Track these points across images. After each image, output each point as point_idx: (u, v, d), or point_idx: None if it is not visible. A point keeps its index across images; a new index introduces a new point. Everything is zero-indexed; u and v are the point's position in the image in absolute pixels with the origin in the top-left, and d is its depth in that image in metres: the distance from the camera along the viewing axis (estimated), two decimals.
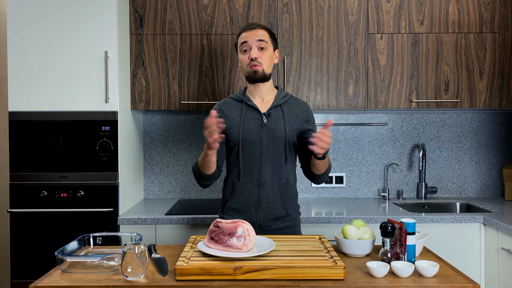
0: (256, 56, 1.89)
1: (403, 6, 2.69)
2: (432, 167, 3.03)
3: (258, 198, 1.89)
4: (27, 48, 2.40)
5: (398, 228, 1.54)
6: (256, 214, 1.90)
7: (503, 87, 2.70)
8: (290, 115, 1.94)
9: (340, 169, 3.02)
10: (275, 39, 1.99)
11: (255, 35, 1.91)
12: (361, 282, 1.38)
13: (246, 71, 1.94)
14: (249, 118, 1.92)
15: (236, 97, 1.99)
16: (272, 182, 1.90)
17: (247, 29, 1.93)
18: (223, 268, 1.39)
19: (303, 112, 1.97)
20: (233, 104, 1.98)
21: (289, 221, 1.94)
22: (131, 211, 2.55)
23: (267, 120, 1.91)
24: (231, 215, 1.93)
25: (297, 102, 1.99)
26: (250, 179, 1.90)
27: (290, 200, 1.94)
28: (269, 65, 1.93)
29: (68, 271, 1.49)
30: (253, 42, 1.90)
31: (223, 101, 2.02)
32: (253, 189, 1.90)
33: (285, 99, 1.96)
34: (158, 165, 3.01)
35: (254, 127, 1.90)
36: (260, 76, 1.91)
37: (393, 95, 2.69)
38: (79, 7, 2.41)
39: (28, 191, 2.40)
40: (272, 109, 1.93)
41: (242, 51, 1.94)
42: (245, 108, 1.94)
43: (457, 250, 2.40)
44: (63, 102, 2.41)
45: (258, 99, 1.97)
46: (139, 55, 2.67)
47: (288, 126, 1.91)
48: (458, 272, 1.48)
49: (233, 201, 1.93)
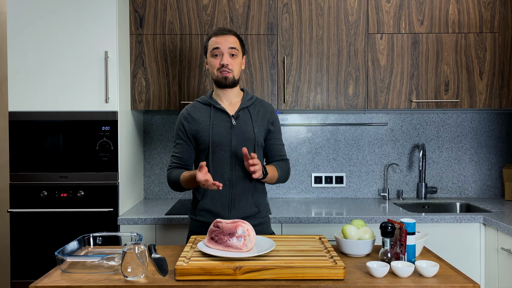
0: (228, 62, 1.93)
1: (403, 6, 2.69)
2: (432, 167, 3.03)
3: (231, 198, 1.92)
4: (27, 48, 2.40)
5: (398, 228, 1.54)
6: (229, 214, 1.92)
7: (503, 87, 2.70)
8: (257, 116, 1.99)
9: (340, 169, 3.02)
10: (243, 46, 2.03)
11: (228, 42, 1.94)
12: (361, 282, 1.38)
13: (215, 75, 1.97)
14: (218, 121, 1.95)
15: (204, 100, 2.01)
16: (244, 182, 1.93)
17: (219, 34, 1.96)
18: (223, 268, 1.39)
19: (269, 113, 2.03)
20: (201, 107, 2.00)
21: (260, 218, 1.98)
22: (131, 211, 2.55)
23: (236, 122, 1.94)
24: (204, 216, 1.95)
25: (263, 104, 2.04)
26: (221, 180, 1.91)
27: (260, 198, 2.00)
28: (238, 71, 1.99)
29: (68, 271, 1.49)
30: (225, 48, 1.93)
31: (191, 105, 2.04)
32: (225, 190, 1.92)
33: (251, 101, 2.01)
34: (158, 165, 3.01)
35: (223, 129, 1.93)
36: (230, 82, 1.96)
37: (393, 95, 2.70)
38: (79, 7, 2.41)
39: (28, 191, 2.40)
40: (240, 111, 1.96)
41: (213, 56, 1.96)
42: (213, 111, 1.96)
43: (457, 250, 2.40)
44: (63, 102, 2.41)
45: (225, 102, 2.00)
46: (139, 55, 2.67)
47: (256, 127, 1.96)
48: (458, 272, 1.48)
49: (205, 202, 1.94)
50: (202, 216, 1.95)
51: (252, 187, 1.96)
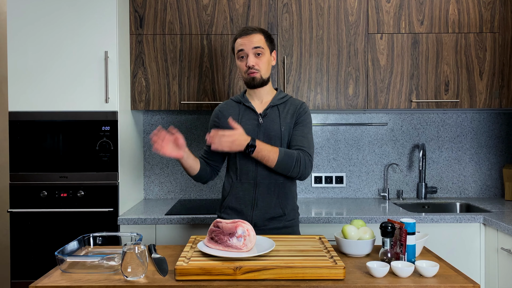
0: (253, 63, 1.91)
1: (403, 6, 2.69)
2: (432, 167, 3.03)
3: (254, 197, 1.91)
4: (27, 48, 2.40)
5: (398, 228, 1.54)
6: (252, 213, 1.91)
7: (503, 87, 2.70)
8: (287, 114, 1.95)
9: (340, 169, 3.02)
10: (271, 41, 1.99)
11: (251, 42, 1.91)
12: (361, 282, 1.38)
13: (244, 77, 1.97)
14: (246, 119, 1.95)
15: (236, 98, 2.03)
16: (268, 181, 1.91)
17: (243, 35, 1.94)
18: (223, 268, 1.39)
19: (297, 109, 1.97)
20: (232, 105, 2.02)
21: (286, 221, 1.94)
22: (131, 211, 2.55)
23: (263, 120, 1.94)
24: (229, 214, 1.95)
25: (294, 102, 2.01)
26: (246, 178, 1.92)
27: (287, 200, 1.95)
28: (266, 70, 1.95)
29: (68, 271, 1.49)
30: (249, 49, 1.91)
31: (224, 103, 2.07)
32: (249, 189, 1.92)
33: (282, 100, 1.99)
34: (158, 165, 3.01)
35: (250, 127, 1.93)
36: (258, 83, 1.94)
37: (393, 95, 2.69)
38: (79, 7, 2.41)
39: (28, 191, 2.40)
40: (268, 109, 1.95)
41: (239, 58, 1.96)
42: (242, 109, 1.98)
43: (457, 250, 2.40)
44: (63, 102, 2.41)
45: (256, 100, 2.01)
46: (139, 55, 2.67)
47: (284, 125, 1.93)
48: (458, 272, 1.48)
49: (230, 200, 1.95)
50: (227, 214, 1.96)
51: (277, 188, 1.92)
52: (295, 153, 1.86)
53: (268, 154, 1.83)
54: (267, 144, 1.86)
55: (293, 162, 1.84)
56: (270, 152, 1.83)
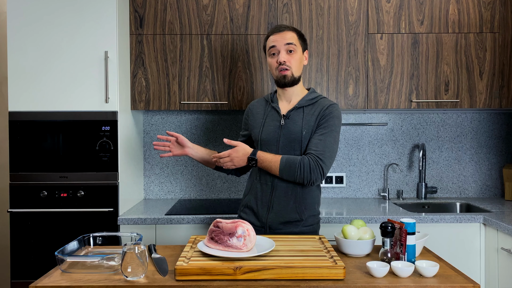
0: (285, 59, 1.88)
1: (403, 6, 2.69)
2: (432, 167, 3.03)
3: (270, 199, 1.89)
4: (27, 48, 2.40)
5: (398, 228, 1.54)
6: (267, 215, 1.89)
7: (503, 87, 2.70)
8: (311, 117, 1.89)
9: (340, 169, 3.02)
10: (304, 40, 1.97)
11: (284, 38, 1.89)
12: (361, 282, 1.38)
13: (275, 75, 1.94)
14: (270, 119, 1.94)
15: (267, 97, 2.03)
16: (286, 185, 1.88)
17: (276, 32, 1.92)
18: (223, 268, 1.39)
19: (322, 110, 1.88)
20: (262, 104, 2.03)
21: (304, 226, 1.89)
22: (131, 211, 2.55)
23: (285, 122, 1.90)
24: (246, 213, 1.96)
25: (322, 103, 1.91)
26: (265, 180, 1.91)
27: (305, 205, 1.89)
28: (298, 68, 1.92)
29: (68, 271, 1.49)
30: (282, 45, 1.89)
31: (256, 100, 2.09)
32: (267, 190, 1.90)
33: (311, 101, 1.92)
34: (158, 165, 3.01)
35: (272, 129, 1.91)
36: (289, 81, 1.90)
37: (393, 95, 2.69)
38: (79, 7, 2.41)
39: (28, 191, 2.40)
40: (292, 111, 1.91)
41: (270, 55, 1.94)
42: (268, 109, 1.97)
43: (457, 250, 2.40)
44: (63, 102, 2.41)
45: (284, 101, 1.97)
46: (139, 55, 2.67)
47: (306, 129, 1.87)
48: (458, 272, 1.48)
49: (249, 199, 1.96)
50: (245, 213, 1.96)
51: (295, 193, 1.88)
52: (298, 159, 1.81)
53: (270, 164, 1.83)
54: (269, 154, 1.85)
55: (295, 169, 1.80)
56: (271, 162, 1.83)
